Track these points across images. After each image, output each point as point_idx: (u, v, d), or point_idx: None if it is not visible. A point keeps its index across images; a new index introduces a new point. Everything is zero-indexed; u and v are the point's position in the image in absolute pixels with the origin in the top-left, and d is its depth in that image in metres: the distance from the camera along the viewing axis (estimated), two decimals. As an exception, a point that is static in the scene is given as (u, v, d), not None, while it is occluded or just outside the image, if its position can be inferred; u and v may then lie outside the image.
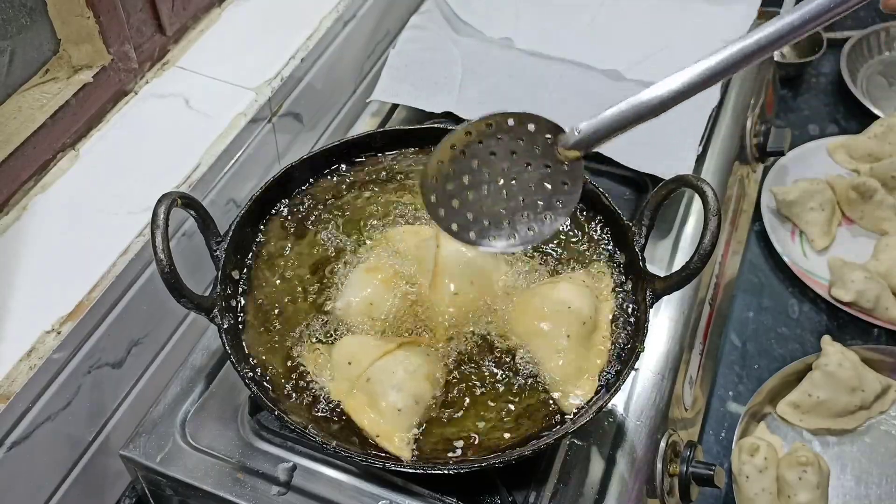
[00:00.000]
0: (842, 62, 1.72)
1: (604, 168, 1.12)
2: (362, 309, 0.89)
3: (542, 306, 0.88)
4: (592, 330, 0.88)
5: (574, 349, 0.86)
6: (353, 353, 0.86)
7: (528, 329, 0.88)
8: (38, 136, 0.96)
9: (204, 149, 1.04)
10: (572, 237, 0.96)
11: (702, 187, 0.83)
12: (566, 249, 0.95)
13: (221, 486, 0.86)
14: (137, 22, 1.05)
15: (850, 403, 1.23)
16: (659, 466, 0.93)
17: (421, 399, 0.83)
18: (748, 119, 1.31)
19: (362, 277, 0.91)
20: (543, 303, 0.88)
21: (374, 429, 0.82)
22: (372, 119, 1.26)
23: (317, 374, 0.86)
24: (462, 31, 1.30)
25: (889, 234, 1.43)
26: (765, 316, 1.37)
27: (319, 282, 0.93)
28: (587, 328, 0.87)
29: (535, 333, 0.87)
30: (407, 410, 0.82)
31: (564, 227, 0.96)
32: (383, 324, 0.89)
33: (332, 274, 0.93)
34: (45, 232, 0.95)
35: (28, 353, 0.84)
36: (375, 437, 0.81)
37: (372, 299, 0.89)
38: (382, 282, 0.90)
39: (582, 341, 0.87)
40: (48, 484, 0.91)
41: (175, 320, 1.05)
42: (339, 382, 0.85)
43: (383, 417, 0.82)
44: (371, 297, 0.89)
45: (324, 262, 0.94)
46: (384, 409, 0.82)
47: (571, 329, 0.86)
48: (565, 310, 0.87)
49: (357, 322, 0.89)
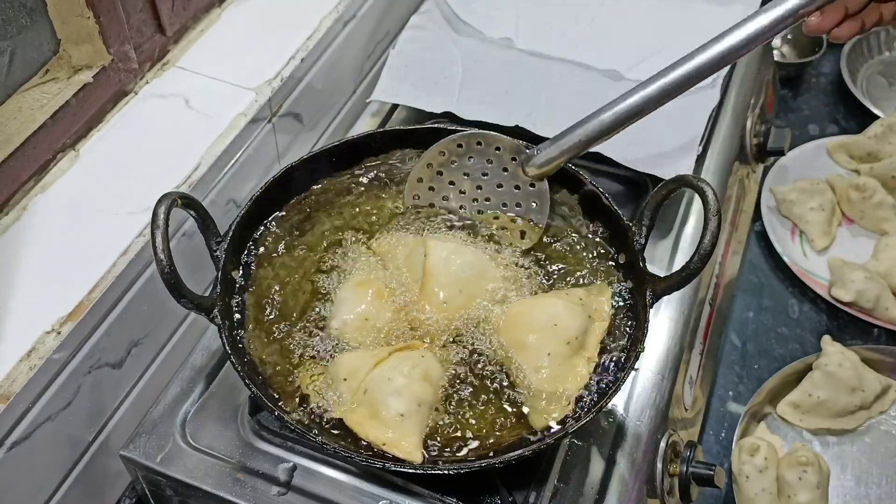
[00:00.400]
0: (842, 62, 1.73)
1: (604, 168, 1.12)
2: (358, 325, 0.88)
3: (530, 319, 0.87)
4: (577, 349, 0.86)
5: (554, 367, 0.85)
6: (349, 368, 0.85)
7: (514, 340, 0.87)
8: (38, 136, 0.96)
9: (204, 149, 1.04)
10: (579, 250, 0.95)
11: (702, 187, 0.83)
12: (569, 263, 0.95)
13: (221, 487, 0.86)
14: (137, 22, 1.05)
15: (850, 403, 1.23)
16: (659, 466, 0.93)
17: (423, 401, 0.83)
18: (748, 119, 1.31)
19: (354, 293, 0.90)
20: (531, 316, 0.88)
21: (379, 438, 0.81)
22: (372, 119, 1.26)
23: (320, 396, 0.84)
24: (462, 31, 1.30)
25: (889, 234, 1.43)
26: (765, 316, 1.37)
27: (314, 287, 0.93)
28: (571, 348, 0.86)
29: (520, 346, 0.87)
30: (410, 414, 0.82)
31: (573, 239, 0.96)
32: (379, 336, 0.88)
33: (329, 277, 0.93)
34: (46, 232, 0.95)
35: (28, 354, 0.84)
36: (382, 446, 0.81)
37: (367, 315, 0.89)
38: (375, 295, 0.90)
39: (563, 360, 0.86)
40: (48, 484, 0.91)
41: (175, 320, 1.05)
42: (341, 400, 0.84)
43: (388, 426, 0.81)
44: (366, 313, 0.89)
45: (320, 264, 0.94)
46: (387, 417, 0.81)
47: (553, 347, 0.85)
48: (551, 326, 0.86)
49: (355, 338, 0.88)
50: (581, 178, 0.97)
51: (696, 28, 1.29)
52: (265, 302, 0.91)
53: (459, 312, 0.90)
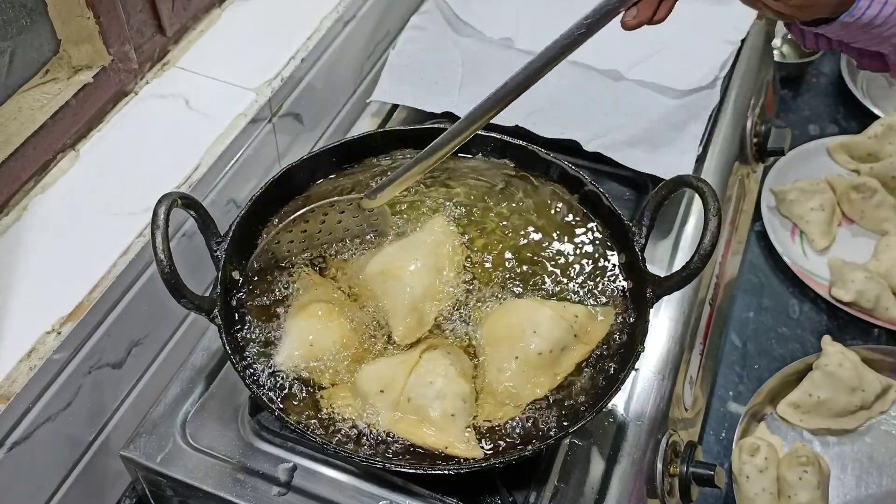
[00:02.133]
0: (842, 62, 1.73)
1: (604, 168, 1.12)
2: (307, 353, 0.86)
3: (514, 319, 0.88)
4: (549, 363, 0.86)
5: (517, 373, 0.85)
6: (382, 378, 0.84)
7: (491, 333, 0.88)
8: (39, 136, 0.96)
9: (204, 149, 1.04)
10: (594, 277, 0.94)
11: (702, 187, 0.83)
12: (578, 282, 0.94)
13: (222, 487, 0.86)
14: (137, 22, 1.05)
15: (850, 403, 1.23)
16: (659, 466, 0.93)
17: (466, 396, 0.83)
18: (748, 119, 1.31)
19: (300, 322, 0.88)
20: (516, 315, 0.88)
21: (439, 442, 0.81)
22: (372, 119, 1.26)
23: (350, 413, 0.84)
24: (462, 32, 1.30)
25: (889, 234, 1.43)
26: (765, 316, 1.37)
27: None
28: (542, 359, 0.85)
29: (495, 341, 0.87)
30: (459, 412, 0.82)
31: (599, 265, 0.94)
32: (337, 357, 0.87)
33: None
34: (46, 232, 0.95)
35: (28, 354, 0.84)
36: (444, 450, 0.81)
37: (314, 339, 0.86)
38: (325, 315, 0.88)
39: (529, 369, 0.85)
40: (48, 484, 0.91)
41: (175, 321, 1.05)
42: (383, 412, 0.83)
43: (441, 428, 0.82)
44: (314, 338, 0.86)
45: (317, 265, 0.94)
46: (437, 419, 0.82)
47: (523, 353, 0.85)
48: (530, 332, 0.86)
49: (311, 366, 0.86)
50: (581, 178, 0.97)
51: (697, 28, 1.29)
52: (265, 302, 0.91)
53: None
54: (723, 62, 1.24)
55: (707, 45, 1.26)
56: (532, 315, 0.87)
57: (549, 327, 0.86)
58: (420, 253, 0.92)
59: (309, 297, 0.90)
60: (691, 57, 1.24)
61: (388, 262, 0.92)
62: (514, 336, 0.86)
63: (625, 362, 0.85)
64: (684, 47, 1.26)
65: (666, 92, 1.20)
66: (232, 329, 0.87)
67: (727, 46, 1.27)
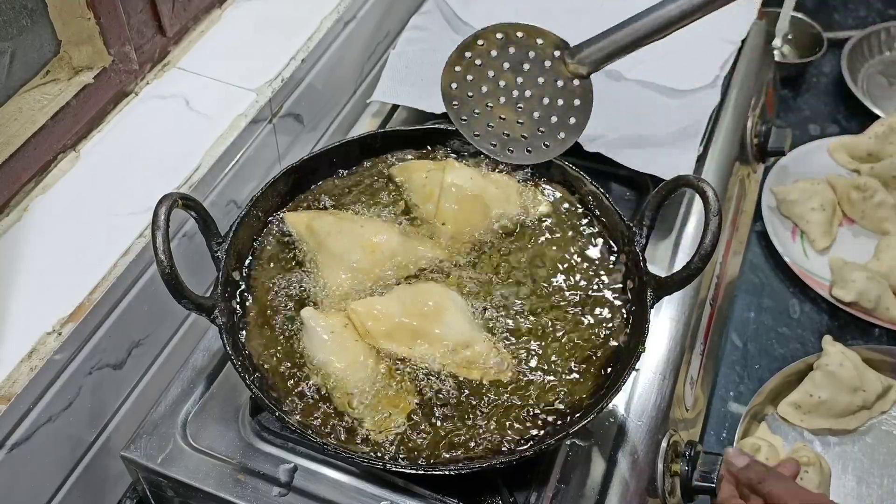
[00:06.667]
0: (842, 62, 1.72)
1: (604, 168, 1.12)
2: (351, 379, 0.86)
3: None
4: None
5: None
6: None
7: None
8: (39, 137, 0.96)
9: (205, 150, 1.04)
10: (594, 277, 0.94)
11: (702, 187, 0.83)
12: (578, 282, 0.94)
13: (222, 487, 0.86)
14: (138, 23, 1.06)
15: (851, 403, 1.23)
16: (660, 467, 0.92)
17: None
18: (749, 119, 1.31)
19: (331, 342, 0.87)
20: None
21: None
22: (372, 120, 1.26)
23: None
24: (462, 32, 1.30)
25: (890, 233, 1.43)
26: (765, 316, 1.37)
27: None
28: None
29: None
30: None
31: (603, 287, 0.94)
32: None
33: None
34: (46, 233, 0.95)
35: (29, 355, 0.84)
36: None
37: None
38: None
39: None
40: (49, 485, 0.91)
41: (176, 321, 1.05)
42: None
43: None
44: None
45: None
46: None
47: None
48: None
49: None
50: (582, 178, 0.97)
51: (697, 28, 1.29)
52: (266, 302, 0.91)
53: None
54: (723, 62, 1.24)
55: (707, 45, 1.26)
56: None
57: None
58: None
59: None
60: (692, 57, 1.24)
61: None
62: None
63: (625, 362, 0.85)
64: (684, 47, 1.25)
65: (666, 92, 1.20)
66: (233, 329, 0.87)
67: (727, 46, 1.27)
